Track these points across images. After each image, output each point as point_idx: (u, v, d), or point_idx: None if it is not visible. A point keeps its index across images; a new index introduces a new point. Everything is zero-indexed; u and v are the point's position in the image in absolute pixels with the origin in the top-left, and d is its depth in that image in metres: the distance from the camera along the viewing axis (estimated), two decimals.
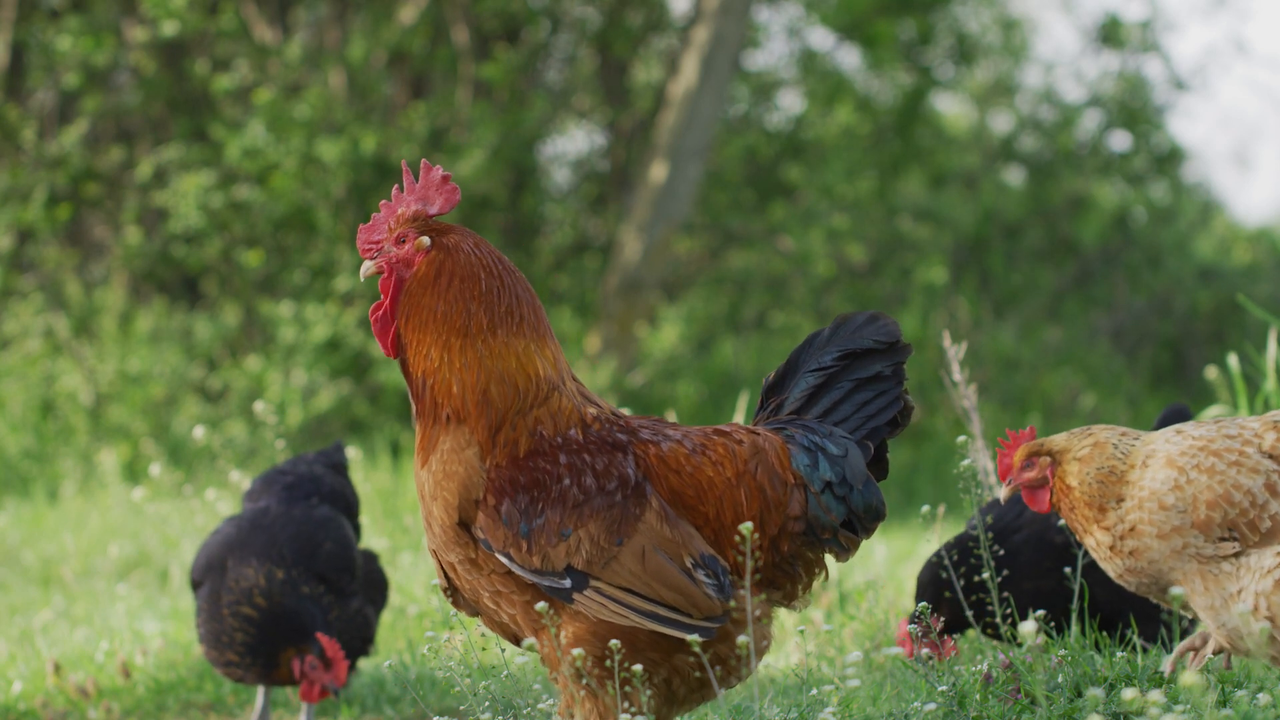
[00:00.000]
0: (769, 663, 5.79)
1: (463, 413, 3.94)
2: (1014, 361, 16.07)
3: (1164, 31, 23.67)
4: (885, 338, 4.05)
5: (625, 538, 3.86)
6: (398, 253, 4.06)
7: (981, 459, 5.97)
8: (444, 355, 3.98)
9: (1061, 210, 17.68)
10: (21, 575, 9.73)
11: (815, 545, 4.00)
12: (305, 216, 14.30)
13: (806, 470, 3.96)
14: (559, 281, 15.85)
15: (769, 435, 4.01)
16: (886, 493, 4.16)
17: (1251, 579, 4.18)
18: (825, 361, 4.05)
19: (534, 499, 3.89)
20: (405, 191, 4.11)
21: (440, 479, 3.94)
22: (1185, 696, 4.14)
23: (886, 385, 4.04)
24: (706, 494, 3.95)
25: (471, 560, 3.93)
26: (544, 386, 3.97)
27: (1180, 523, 4.25)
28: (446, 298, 4.00)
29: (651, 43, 16.69)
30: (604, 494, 3.90)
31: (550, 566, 3.85)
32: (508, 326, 3.99)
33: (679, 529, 3.89)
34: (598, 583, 3.85)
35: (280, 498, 5.79)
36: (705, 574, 3.86)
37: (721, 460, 3.97)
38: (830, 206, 16.31)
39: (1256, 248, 19.17)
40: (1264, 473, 4.22)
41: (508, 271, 4.04)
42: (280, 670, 5.55)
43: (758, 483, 3.96)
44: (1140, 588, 4.35)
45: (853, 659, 4.80)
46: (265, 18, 15.24)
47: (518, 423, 3.94)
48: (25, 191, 14.67)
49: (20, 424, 13.88)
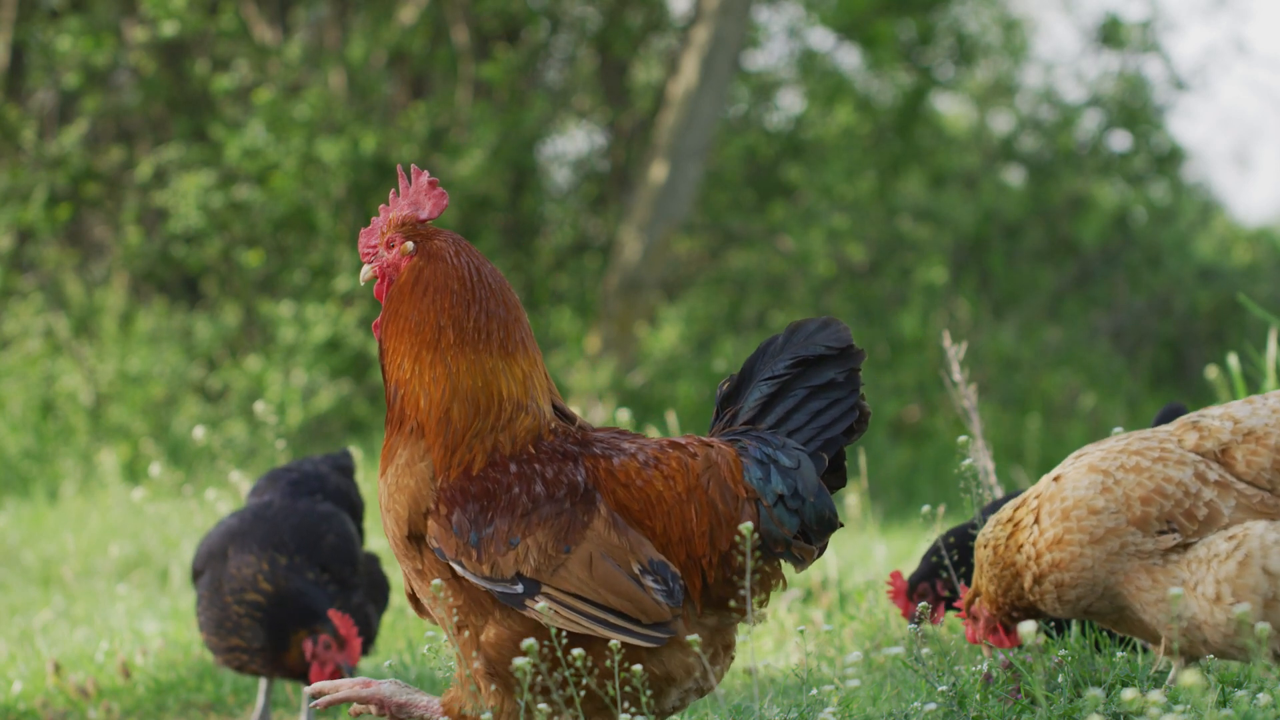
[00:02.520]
0: (769, 663, 5.79)
1: (425, 427, 3.96)
2: (1014, 361, 16.07)
3: (1164, 31, 23.66)
4: (837, 343, 4.00)
5: (573, 545, 3.87)
6: (388, 258, 4.09)
7: (982, 459, 5.97)
8: (415, 367, 4.00)
9: (1061, 210, 17.68)
10: (21, 575, 9.73)
11: (769, 557, 3.96)
12: (305, 216, 14.30)
13: (759, 484, 3.93)
14: (559, 281, 15.85)
15: (722, 448, 3.99)
16: (887, 493, 4.16)
17: (1208, 569, 4.20)
18: (778, 369, 4.01)
19: (484, 508, 3.90)
20: (400, 195, 4.13)
21: (393, 491, 3.98)
22: (1185, 696, 4.14)
23: (840, 393, 3.99)
24: (655, 508, 3.94)
25: (419, 572, 3.97)
26: (508, 408, 3.98)
27: (1115, 523, 4.28)
28: (420, 307, 4.02)
29: (651, 43, 16.69)
30: (553, 501, 3.90)
31: (499, 574, 3.86)
32: (475, 343, 3.99)
33: (627, 535, 3.89)
34: (549, 589, 3.85)
35: (284, 493, 5.81)
36: (654, 580, 3.86)
37: (673, 474, 3.96)
38: (830, 206, 16.31)
39: (1256, 248, 19.17)
40: (1190, 464, 4.27)
41: (483, 284, 4.03)
42: (290, 653, 5.54)
43: (709, 497, 3.94)
44: (1080, 608, 4.36)
45: (853, 659, 4.80)
46: (265, 18, 15.24)
47: (474, 445, 3.95)
48: (25, 191, 14.66)
49: (20, 424, 13.88)
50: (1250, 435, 4.27)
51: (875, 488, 12.09)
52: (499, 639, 3.89)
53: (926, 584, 5.09)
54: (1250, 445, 4.27)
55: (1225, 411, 4.35)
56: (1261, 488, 4.24)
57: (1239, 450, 4.27)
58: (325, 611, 5.48)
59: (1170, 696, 4.21)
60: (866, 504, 8.41)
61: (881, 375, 15.62)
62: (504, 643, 3.89)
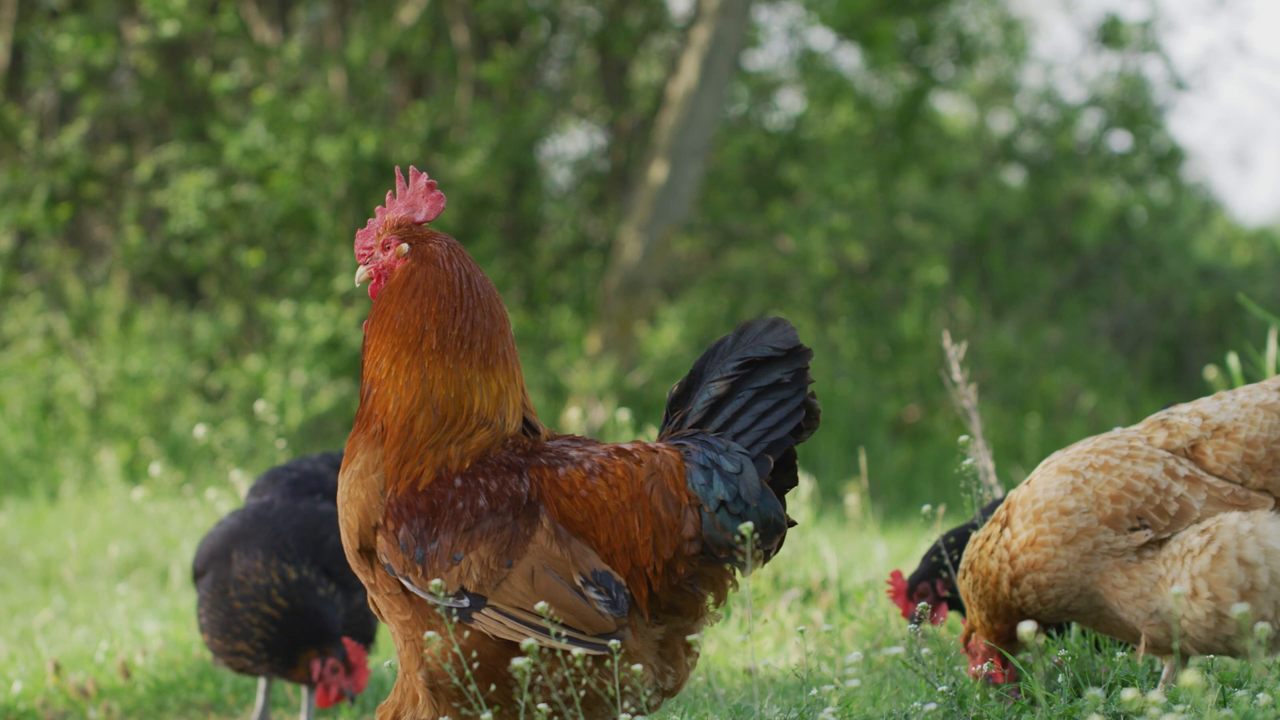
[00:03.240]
0: (769, 663, 5.79)
1: (387, 432, 3.96)
2: (1014, 361, 16.06)
3: (1164, 31, 23.68)
4: (783, 344, 3.97)
5: (515, 559, 3.86)
6: (383, 259, 4.09)
7: (982, 459, 5.97)
8: (392, 368, 3.99)
9: (1061, 210, 17.67)
10: (21, 575, 9.73)
11: (713, 563, 3.93)
12: (305, 216, 14.29)
13: (701, 489, 3.91)
14: (559, 281, 15.85)
15: (667, 453, 3.97)
16: (887, 493, 4.16)
17: (1182, 565, 4.21)
18: (726, 370, 3.98)
19: (429, 523, 3.90)
20: (397, 197, 4.13)
21: (345, 502, 3.98)
22: (1185, 696, 4.14)
23: (787, 393, 3.97)
24: (599, 518, 3.92)
25: (372, 585, 3.98)
26: (473, 422, 3.97)
27: (1087, 523, 4.29)
28: (407, 309, 4.01)
29: (651, 43, 16.69)
30: (495, 516, 3.90)
31: (444, 590, 3.87)
32: (456, 351, 3.99)
33: (570, 547, 3.88)
34: (494, 602, 3.86)
35: (284, 493, 5.81)
36: (596, 591, 3.85)
37: (618, 483, 3.95)
38: (830, 206, 16.31)
39: (1256, 248, 19.16)
40: (1159, 460, 4.28)
41: (471, 293, 4.02)
42: (297, 670, 5.55)
43: (652, 505, 3.92)
44: (1061, 607, 4.36)
45: (853, 659, 4.80)
46: (265, 18, 15.24)
47: (426, 456, 3.94)
48: (25, 191, 14.66)
49: (20, 424, 13.87)
50: (1219, 430, 4.29)
51: (875, 488, 12.09)
52: (444, 653, 3.89)
53: (926, 584, 5.09)
54: (1220, 440, 4.28)
55: (1194, 408, 4.37)
56: (1232, 481, 4.26)
57: (1208, 445, 4.29)
58: (338, 634, 5.49)
59: (1170, 696, 4.21)
60: (866, 504, 8.41)
61: (881, 375, 15.61)
62: (449, 656, 3.88)
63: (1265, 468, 4.24)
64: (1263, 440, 4.25)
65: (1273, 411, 4.27)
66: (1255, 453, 4.25)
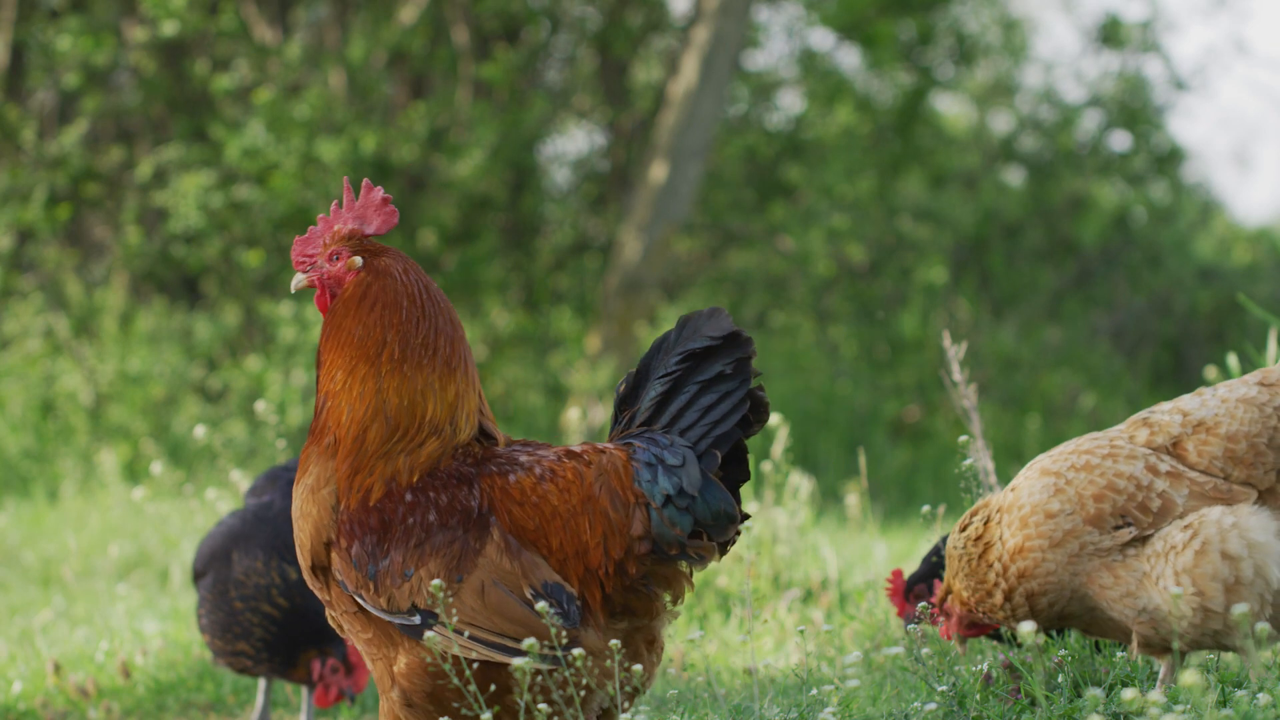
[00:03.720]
0: (769, 663, 5.78)
1: (340, 443, 3.95)
2: (1014, 361, 16.06)
3: (1164, 31, 23.68)
4: (719, 332, 3.94)
5: (465, 574, 3.85)
6: (330, 269, 4.06)
7: (982, 459, 5.97)
8: (347, 380, 3.97)
9: (1061, 210, 17.67)
10: (21, 575, 9.73)
11: (665, 561, 3.91)
12: (305, 216, 14.29)
13: (647, 486, 3.89)
14: (559, 281, 15.85)
15: (614, 453, 3.95)
16: (887, 493, 4.14)
17: (1166, 561, 4.22)
18: (670, 366, 3.96)
19: (380, 540, 3.89)
20: (344, 208, 4.10)
21: (298, 518, 3.97)
22: (1185, 696, 4.14)
23: (730, 385, 3.91)
24: (550, 524, 3.91)
25: (328, 602, 3.98)
26: (424, 430, 3.95)
27: (1072, 525, 4.30)
28: (366, 322, 3.99)
29: (651, 43, 16.69)
30: (445, 530, 3.88)
31: (396, 606, 3.86)
32: (416, 360, 3.97)
33: (520, 560, 3.87)
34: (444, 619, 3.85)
35: (284, 493, 5.81)
36: (547, 603, 3.84)
37: (568, 486, 3.93)
38: (830, 206, 16.31)
39: (1256, 248, 19.16)
40: (1141, 457, 4.29)
41: (432, 302, 4.02)
42: (297, 670, 5.55)
43: (601, 507, 3.90)
44: (1054, 614, 4.37)
45: (853, 659, 4.80)
46: (265, 18, 15.24)
47: (377, 467, 3.93)
48: (25, 191, 14.66)
49: (20, 424, 13.87)
50: (1200, 426, 4.30)
51: (875, 488, 12.08)
52: (410, 669, 3.88)
53: (924, 585, 5.09)
54: (1201, 435, 4.29)
55: (1174, 406, 4.38)
56: (1215, 475, 4.27)
57: (1190, 441, 4.29)
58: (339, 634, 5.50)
59: (1170, 696, 4.21)
60: (866, 504, 8.41)
61: (881, 375, 15.61)
62: (415, 672, 3.88)
63: (1247, 461, 4.25)
64: (1244, 434, 4.26)
65: (1253, 405, 4.29)
66: (1236, 447, 4.26)
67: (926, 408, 15.19)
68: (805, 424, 13.81)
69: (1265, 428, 4.26)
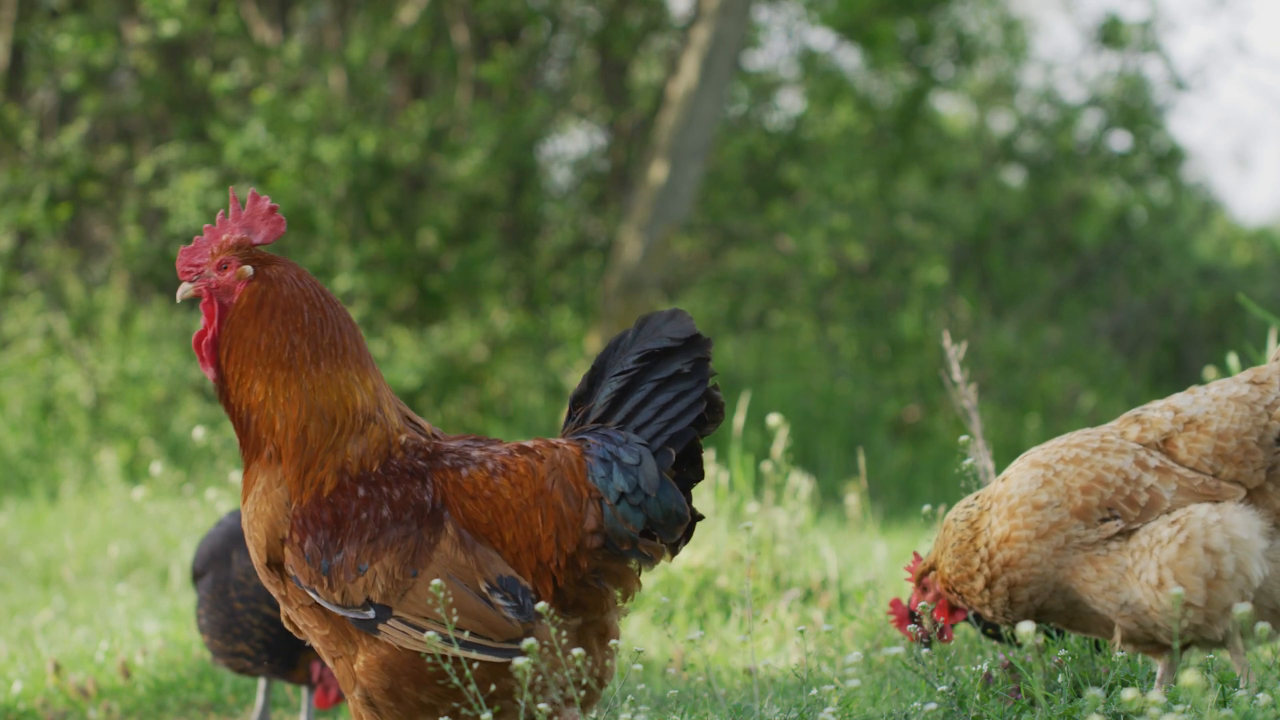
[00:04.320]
0: (769, 663, 5.78)
1: (282, 450, 3.95)
2: (1014, 361, 16.06)
3: (1164, 31, 23.68)
4: (680, 333, 3.99)
5: (420, 568, 3.87)
6: (218, 279, 4.05)
7: (982, 459, 5.97)
8: (268, 389, 3.98)
9: (1061, 210, 17.67)
10: (21, 575, 9.73)
11: (617, 557, 3.94)
12: (305, 216, 14.30)
13: (601, 482, 3.92)
14: (559, 281, 15.85)
15: (567, 448, 3.98)
16: (887, 493, 4.15)
17: (1150, 555, 4.23)
18: (627, 364, 3.99)
19: (333, 535, 3.90)
20: (231, 218, 4.10)
21: (252, 519, 3.98)
22: (1185, 696, 4.14)
23: (687, 384, 3.96)
24: (503, 517, 3.93)
25: (284, 598, 3.98)
26: (360, 419, 3.97)
27: (1059, 517, 4.32)
28: (269, 330, 3.99)
29: (651, 43, 16.69)
30: (399, 525, 3.90)
31: (350, 601, 3.87)
32: (331, 358, 3.99)
33: (475, 554, 3.89)
34: (399, 613, 3.86)
35: None
36: (502, 597, 3.86)
37: (521, 480, 3.95)
38: (830, 206, 16.31)
39: (1256, 248, 19.16)
40: (1130, 451, 4.31)
41: (330, 303, 4.04)
42: (297, 672, 5.56)
43: (554, 501, 3.93)
44: (1035, 607, 4.38)
45: (853, 659, 4.80)
46: (265, 18, 15.24)
47: (326, 460, 3.94)
48: (25, 191, 14.66)
49: (20, 424, 13.87)
50: (1191, 424, 4.31)
51: (875, 488, 12.08)
52: (368, 666, 3.89)
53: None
54: (1191, 433, 4.30)
55: (1166, 403, 4.40)
56: (1204, 473, 4.28)
57: (1180, 439, 4.31)
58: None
59: (1170, 696, 4.21)
60: (866, 504, 8.41)
61: (881, 375, 15.61)
62: (373, 669, 3.89)
63: (1237, 459, 4.26)
64: (1234, 432, 4.27)
65: (1244, 404, 4.30)
66: (1226, 444, 4.27)
67: (926, 408, 15.19)
68: (805, 424, 13.82)
69: (1256, 426, 4.27)
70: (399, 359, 14.13)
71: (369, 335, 14.34)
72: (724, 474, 7.67)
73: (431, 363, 14.25)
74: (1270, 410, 4.29)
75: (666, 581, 7.12)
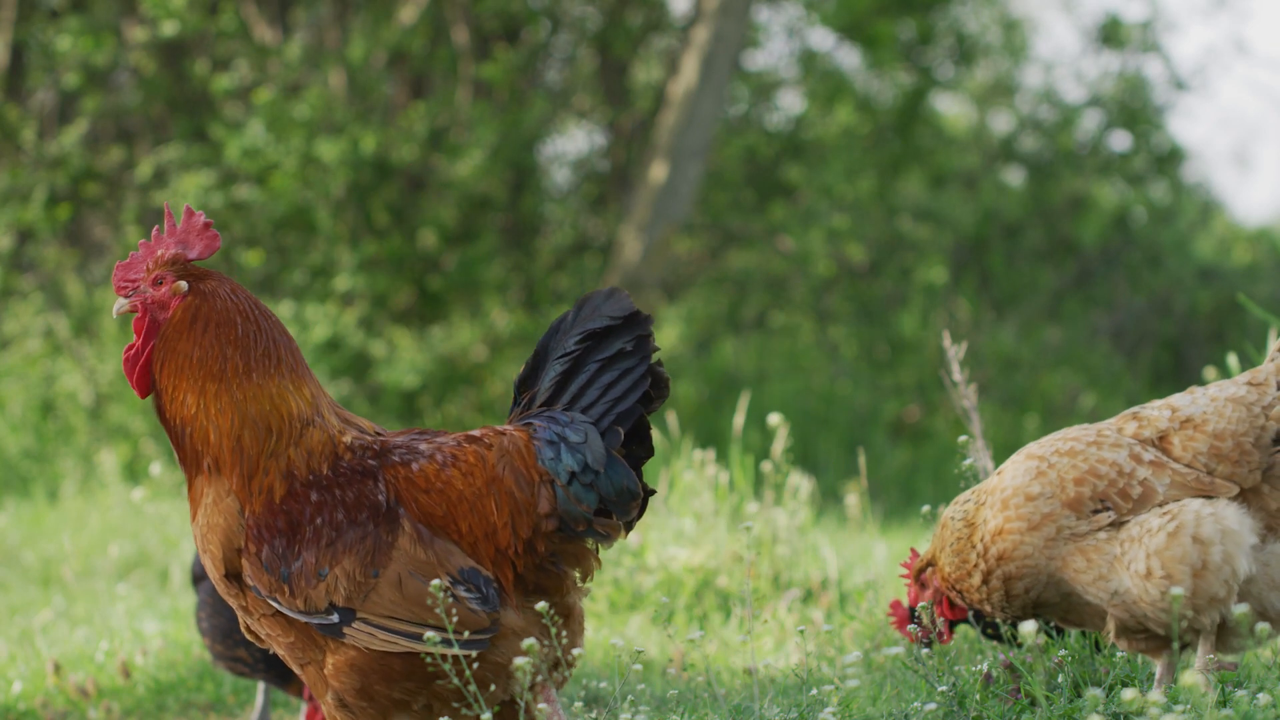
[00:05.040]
0: (769, 663, 5.78)
1: (220, 460, 3.96)
2: (1014, 361, 16.06)
3: (1164, 31, 23.67)
4: (619, 312, 3.99)
5: (380, 568, 3.88)
6: (154, 294, 4.06)
7: (982, 459, 5.97)
8: (200, 401, 3.99)
9: (1061, 210, 17.67)
10: (21, 575, 9.73)
11: (572, 538, 3.96)
12: (305, 216, 14.30)
13: (550, 464, 3.93)
14: (559, 281, 15.85)
15: (515, 434, 3.99)
16: (887, 493, 4.15)
17: (1139, 545, 4.24)
18: (569, 346, 4.00)
19: (290, 542, 3.91)
20: (166, 234, 4.11)
21: (205, 532, 3.97)
22: (1185, 696, 4.14)
23: (630, 362, 3.97)
24: (457, 508, 3.94)
25: (244, 609, 3.98)
26: (297, 425, 3.98)
27: (1050, 509, 4.34)
28: (202, 343, 4.01)
29: (651, 43, 16.69)
30: (356, 526, 3.91)
31: (313, 607, 3.88)
32: (263, 369, 4.00)
33: (434, 548, 3.90)
34: (364, 614, 3.86)
35: None
36: (466, 589, 3.87)
37: (472, 470, 3.97)
38: (830, 206, 16.31)
39: (1256, 248, 19.17)
40: (1125, 446, 4.33)
41: (264, 316, 4.06)
42: (293, 685, 5.56)
43: (506, 487, 3.94)
44: (1030, 600, 4.39)
45: (852, 659, 4.80)
46: (265, 18, 15.24)
47: (270, 466, 3.94)
48: (25, 191, 14.66)
49: (20, 424, 13.87)
50: (1188, 423, 4.32)
51: (875, 488, 12.08)
52: (337, 668, 3.90)
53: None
54: (1188, 432, 4.31)
55: (1165, 402, 4.42)
56: (1197, 469, 4.29)
57: (1176, 437, 4.32)
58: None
59: (1170, 696, 4.21)
60: (866, 504, 8.41)
61: (881, 375, 15.61)
62: (343, 671, 3.89)
63: (1232, 459, 4.28)
64: (1230, 432, 4.29)
65: (1241, 405, 4.31)
66: (1222, 444, 4.28)
67: (926, 408, 15.19)
68: (805, 424, 13.81)
69: (1253, 427, 4.28)
70: (399, 359, 14.13)
71: (369, 335, 14.34)
72: (724, 474, 7.67)
73: (431, 363, 14.25)
74: (1267, 412, 4.30)
75: (666, 581, 7.12)
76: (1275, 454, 4.27)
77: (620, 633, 6.80)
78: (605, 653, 6.28)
